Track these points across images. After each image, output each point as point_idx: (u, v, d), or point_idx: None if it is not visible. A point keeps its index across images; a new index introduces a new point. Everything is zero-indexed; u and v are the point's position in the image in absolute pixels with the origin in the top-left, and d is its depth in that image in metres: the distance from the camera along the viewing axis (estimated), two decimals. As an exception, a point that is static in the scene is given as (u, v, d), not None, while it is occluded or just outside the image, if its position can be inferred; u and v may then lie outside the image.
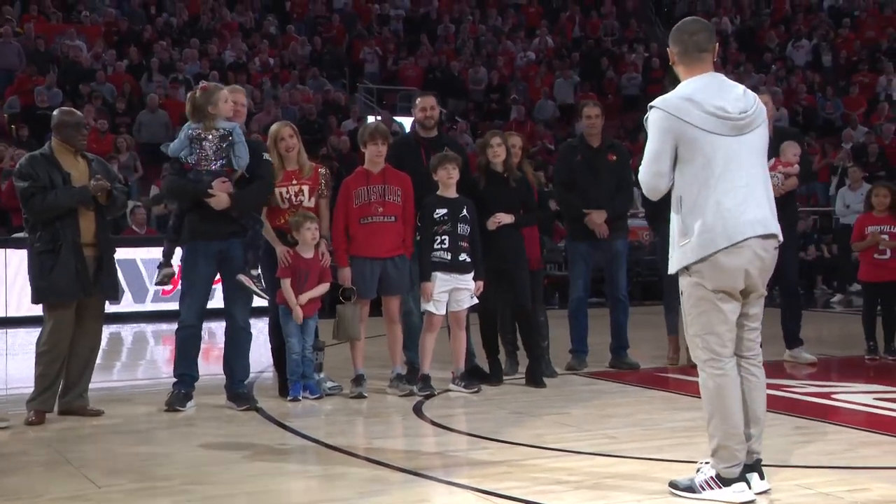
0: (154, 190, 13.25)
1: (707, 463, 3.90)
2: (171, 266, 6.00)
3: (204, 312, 5.90)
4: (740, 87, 3.91)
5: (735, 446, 3.80)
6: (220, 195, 5.70)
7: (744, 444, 3.83)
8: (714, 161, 3.76)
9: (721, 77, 3.93)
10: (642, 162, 3.87)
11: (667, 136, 3.79)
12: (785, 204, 7.31)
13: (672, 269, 3.89)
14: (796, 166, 7.21)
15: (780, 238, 3.89)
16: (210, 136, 5.72)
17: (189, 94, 5.98)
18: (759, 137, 3.87)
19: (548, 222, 7.12)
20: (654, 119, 3.83)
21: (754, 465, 3.89)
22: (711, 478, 3.82)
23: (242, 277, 5.77)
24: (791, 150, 7.20)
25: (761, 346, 4.03)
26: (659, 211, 7.45)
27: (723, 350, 3.84)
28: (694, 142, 3.77)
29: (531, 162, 7.89)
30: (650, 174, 3.85)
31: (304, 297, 6.09)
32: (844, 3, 22.68)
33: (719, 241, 3.74)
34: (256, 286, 5.81)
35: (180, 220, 5.92)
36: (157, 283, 6.20)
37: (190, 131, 5.76)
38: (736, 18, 22.46)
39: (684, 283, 3.87)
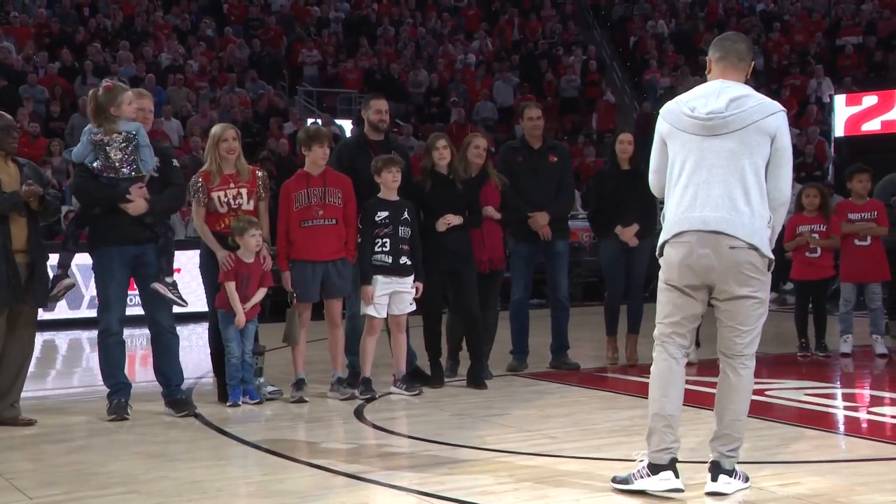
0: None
1: (643, 452, 4.00)
2: (69, 276, 5.81)
3: (124, 318, 5.79)
4: (740, 94, 3.92)
5: (661, 429, 3.91)
6: (137, 201, 5.60)
7: (671, 430, 3.92)
8: (679, 158, 3.96)
9: (729, 83, 3.98)
10: (650, 171, 4.17)
11: (657, 136, 4.06)
12: None
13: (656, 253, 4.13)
14: None
15: (743, 239, 3.85)
16: (113, 142, 5.56)
17: (91, 93, 5.78)
18: (736, 141, 3.88)
19: (513, 223, 7.11)
20: (657, 125, 4.09)
21: (713, 466, 3.95)
22: (643, 467, 3.94)
23: (158, 286, 5.69)
24: None
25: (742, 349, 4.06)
26: (600, 213, 7.56)
27: (666, 339, 4.00)
28: (672, 140, 4.00)
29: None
30: (650, 171, 4.12)
31: (249, 304, 6.03)
32: (775, 8, 23.20)
33: (666, 232, 3.98)
34: (172, 293, 5.73)
35: (80, 228, 5.81)
36: (53, 296, 5.78)
37: (91, 136, 5.60)
38: (671, 22, 22.83)
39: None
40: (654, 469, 3.90)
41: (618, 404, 6.03)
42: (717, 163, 3.88)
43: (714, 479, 3.94)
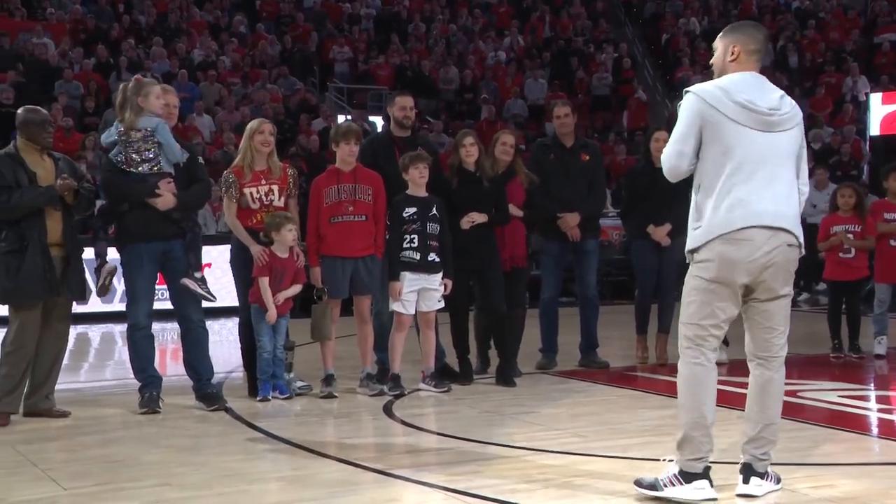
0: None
1: (672, 460, 3.91)
2: (107, 262, 5.86)
3: (152, 312, 5.84)
4: (779, 92, 3.96)
5: (700, 438, 3.81)
6: (166, 195, 5.65)
7: (709, 438, 3.83)
8: (735, 151, 3.80)
9: (763, 78, 3.97)
10: (668, 142, 3.93)
11: (695, 120, 3.83)
12: None
13: (685, 251, 3.93)
14: None
15: (797, 237, 3.86)
16: (133, 138, 5.62)
17: (121, 86, 5.87)
18: (790, 140, 3.88)
19: (538, 221, 7.10)
20: (687, 103, 3.88)
21: (745, 468, 3.90)
22: (674, 475, 3.83)
23: (187, 281, 5.73)
24: None
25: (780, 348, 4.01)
26: (632, 211, 7.53)
27: (703, 342, 3.85)
28: (720, 128, 3.81)
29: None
30: (674, 154, 3.87)
31: (281, 297, 6.06)
32: (810, 5, 22.94)
33: (719, 228, 3.77)
34: (201, 289, 5.77)
35: (107, 222, 5.90)
36: (103, 286, 5.86)
37: (116, 129, 5.68)
38: (704, 19, 22.65)
39: (689, 270, 3.92)
40: (687, 477, 3.81)
41: (647, 404, 6.00)
42: (777, 160, 3.83)
43: (746, 481, 3.89)
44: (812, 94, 19.20)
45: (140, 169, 5.63)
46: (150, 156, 5.64)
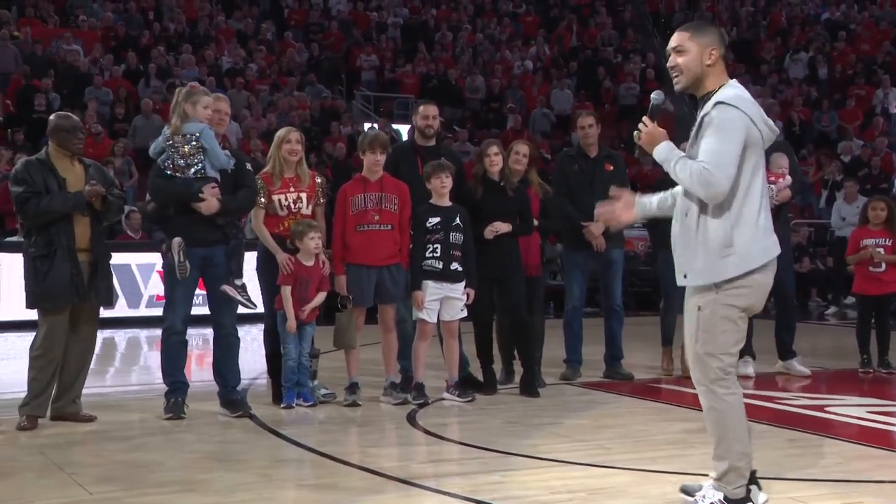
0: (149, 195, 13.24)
1: (709, 486, 3.79)
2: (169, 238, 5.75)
3: (188, 318, 5.88)
4: None
5: (745, 467, 3.74)
6: (210, 200, 5.69)
7: (749, 462, 3.77)
8: (760, 173, 3.67)
9: None
10: (714, 162, 3.55)
11: (742, 139, 3.58)
12: (778, 215, 7.34)
13: (706, 280, 3.65)
14: (789, 178, 7.24)
15: None
16: (178, 143, 5.67)
17: (176, 90, 5.95)
18: None
19: (552, 231, 7.11)
20: (733, 118, 3.58)
21: (752, 478, 3.85)
22: (720, 500, 3.72)
23: (227, 288, 5.76)
24: (780, 160, 7.22)
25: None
26: (659, 222, 7.47)
27: (733, 370, 3.75)
28: (755, 150, 3.64)
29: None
30: (726, 179, 3.55)
31: (308, 308, 6.08)
32: (841, 16, 22.77)
33: (760, 258, 3.64)
34: (242, 296, 5.80)
35: (154, 224, 5.97)
36: (181, 263, 5.63)
37: (164, 135, 5.75)
38: (732, 30, 22.54)
39: (707, 298, 3.66)
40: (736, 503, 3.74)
41: (672, 416, 5.95)
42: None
43: (759, 487, 3.82)
44: (842, 106, 19.05)
45: (185, 174, 5.69)
46: (195, 161, 5.69)
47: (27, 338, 5.96)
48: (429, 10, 21.64)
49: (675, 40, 3.78)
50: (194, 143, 5.67)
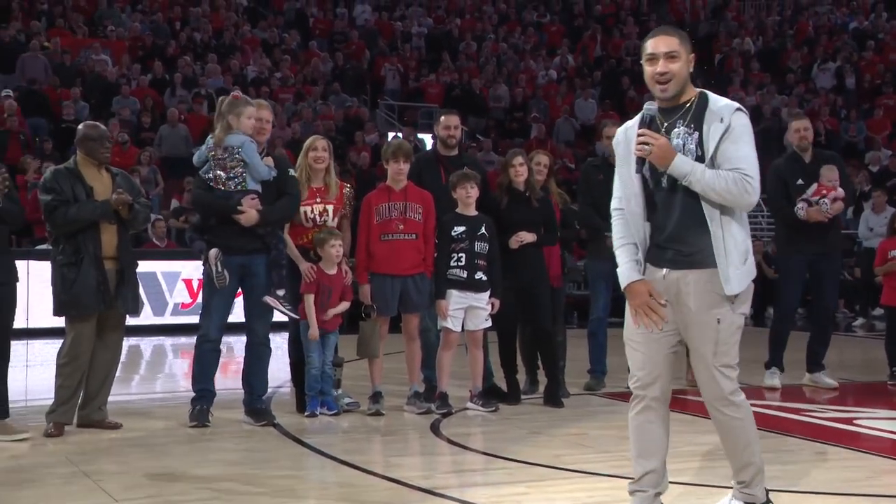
0: (174, 203, 13.33)
1: (732, 498, 3.78)
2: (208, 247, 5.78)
3: (224, 327, 5.91)
4: None
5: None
6: (249, 212, 5.71)
7: None
8: None
9: None
10: (752, 170, 3.51)
11: None
12: (830, 228, 7.29)
13: (738, 289, 3.54)
14: (840, 190, 7.18)
15: None
16: (220, 156, 5.71)
17: (220, 100, 5.97)
18: None
19: (571, 241, 7.11)
20: (749, 125, 3.57)
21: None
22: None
23: (269, 299, 5.78)
24: (831, 174, 7.16)
25: None
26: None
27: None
28: None
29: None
30: (759, 185, 3.53)
31: (330, 313, 6.09)
32: (868, 26, 22.58)
33: (753, 264, 3.65)
34: (285, 307, 5.82)
35: (196, 233, 6.04)
36: (220, 273, 5.65)
37: (207, 146, 5.81)
38: (758, 39, 22.42)
39: (724, 309, 3.57)
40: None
41: (698, 428, 5.89)
42: None
43: None
44: (870, 115, 18.88)
45: (227, 186, 5.73)
46: (235, 174, 5.73)
47: (55, 345, 6.00)
48: (453, 19, 21.68)
49: (666, 44, 3.58)
50: (237, 156, 5.71)
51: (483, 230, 6.33)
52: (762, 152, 4.00)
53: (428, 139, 16.45)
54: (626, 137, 3.70)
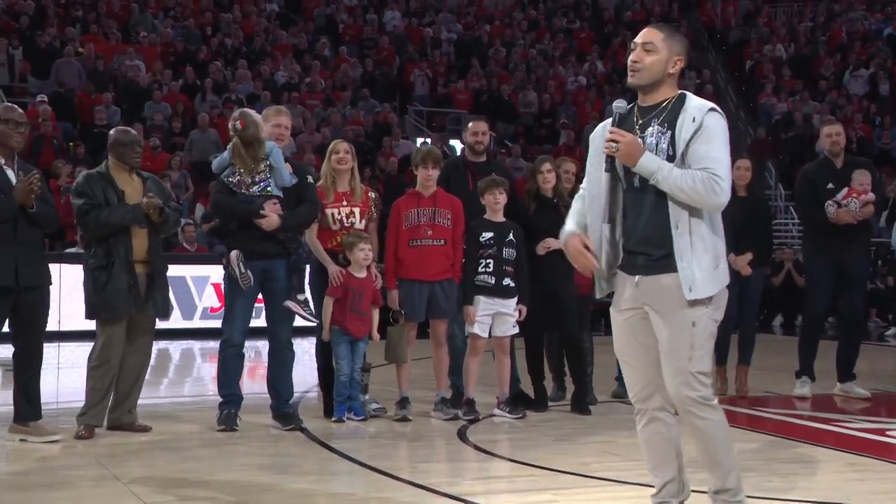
0: (200, 209, 13.43)
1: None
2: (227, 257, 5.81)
3: (247, 331, 5.93)
4: None
5: None
6: (271, 216, 5.75)
7: None
8: None
9: None
10: (721, 170, 3.49)
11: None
12: (858, 234, 7.23)
13: (710, 292, 3.51)
14: (871, 194, 7.12)
15: None
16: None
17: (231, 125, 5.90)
18: None
19: None
20: (725, 127, 3.56)
21: None
22: None
23: (290, 304, 5.80)
24: (862, 178, 7.11)
25: None
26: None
27: None
28: None
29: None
30: (729, 186, 3.52)
31: (373, 329, 6.15)
32: (902, 32, 22.34)
33: (728, 269, 3.63)
34: (305, 311, 5.84)
35: (216, 237, 6.10)
36: (244, 274, 5.69)
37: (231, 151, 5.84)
38: (790, 46, 22.24)
39: (700, 313, 3.51)
40: None
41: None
42: None
43: None
44: (903, 122, 18.67)
45: (250, 191, 5.76)
46: (260, 179, 5.76)
47: (86, 348, 6.06)
48: (482, 25, 21.69)
49: (645, 36, 3.59)
50: (265, 161, 5.75)
51: (511, 236, 6.32)
52: (794, 159, 3.95)
53: (457, 145, 16.47)
54: (602, 133, 3.66)
